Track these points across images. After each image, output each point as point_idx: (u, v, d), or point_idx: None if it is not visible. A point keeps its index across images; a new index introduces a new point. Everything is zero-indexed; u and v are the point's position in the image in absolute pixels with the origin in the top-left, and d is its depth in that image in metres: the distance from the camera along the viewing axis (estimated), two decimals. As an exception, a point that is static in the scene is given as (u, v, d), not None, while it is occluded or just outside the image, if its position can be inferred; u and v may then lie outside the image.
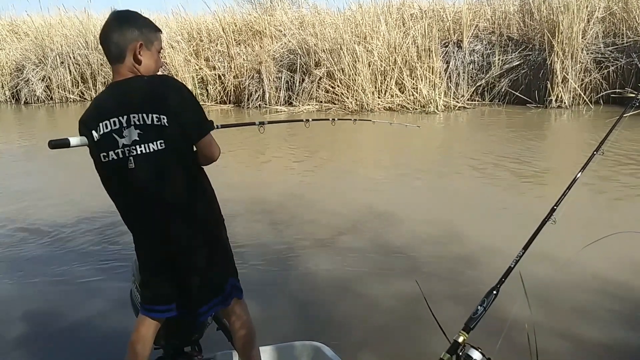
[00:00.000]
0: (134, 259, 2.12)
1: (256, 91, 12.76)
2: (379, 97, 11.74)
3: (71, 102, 15.38)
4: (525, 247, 1.89)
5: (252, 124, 2.88)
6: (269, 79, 12.56)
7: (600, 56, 10.79)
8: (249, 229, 4.75)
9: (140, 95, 1.84)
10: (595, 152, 2.18)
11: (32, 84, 15.43)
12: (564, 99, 10.76)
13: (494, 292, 1.77)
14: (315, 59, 12.16)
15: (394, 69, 11.70)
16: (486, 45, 12.01)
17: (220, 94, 13.51)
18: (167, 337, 2.17)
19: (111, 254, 4.40)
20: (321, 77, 12.01)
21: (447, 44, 12.19)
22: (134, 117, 1.82)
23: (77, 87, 15.50)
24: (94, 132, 1.85)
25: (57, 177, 7.21)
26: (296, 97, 12.29)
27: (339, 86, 11.79)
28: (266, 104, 12.52)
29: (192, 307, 2.02)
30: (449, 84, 11.77)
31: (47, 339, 3.17)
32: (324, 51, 11.95)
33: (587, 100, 10.74)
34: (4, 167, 8.13)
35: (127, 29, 1.86)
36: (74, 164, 5.98)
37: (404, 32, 12.06)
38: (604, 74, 10.70)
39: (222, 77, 13.43)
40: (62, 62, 15.37)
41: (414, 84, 11.67)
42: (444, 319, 1.81)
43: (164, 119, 1.81)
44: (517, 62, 11.51)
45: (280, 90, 12.58)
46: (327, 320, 3.19)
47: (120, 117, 1.83)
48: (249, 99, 12.81)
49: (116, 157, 1.84)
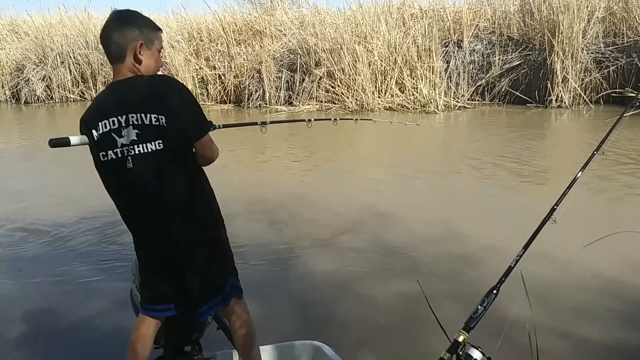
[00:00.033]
0: (134, 259, 2.12)
1: (256, 91, 12.76)
2: (379, 97, 11.74)
3: (71, 101, 15.37)
4: (525, 247, 1.89)
5: (254, 124, 2.86)
6: (269, 79, 12.56)
7: (600, 56, 10.79)
8: (249, 228, 4.75)
9: (139, 95, 1.84)
10: (595, 152, 2.17)
11: (33, 84, 15.43)
12: (564, 99, 10.76)
13: (494, 291, 1.77)
14: (315, 59, 12.15)
15: (394, 68, 11.70)
16: (486, 45, 12.01)
17: (220, 93, 13.51)
18: (167, 337, 2.18)
19: (111, 253, 4.41)
20: (321, 77, 12.00)
21: (447, 44, 12.19)
22: (133, 117, 1.82)
23: (78, 87, 15.50)
24: (93, 131, 1.86)
25: (57, 176, 7.21)
26: (296, 97, 12.29)
27: (339, 86, 11.79)
28: (266, 104, 12.52)
29: (192, 307, 2.02)
30: (449, 83, 11.77)
31: (47, 338, 3.17)
32: (324, 51, 11.95)
33: (587, 100, 10.74)
34: (4, 167, 8.13)
35: (127, 28, 1.86)
36: (74, 163, 5.99)
37: (404, 32, 12.06)
38: (604, 74, 10.70)
39: (223, 77, 13.43)
40: (62, 62, 15.37)
41: (414, 83, 11.67)
42: (444, 318, 1.81)
43: (162, 119, 1.81)
44: (518, 62, 11.51)
45: (280, 90, 12.57)
46: (327, 319, 3.19)
47: (119, 117, 1.83)
48: (249, 99, 12.81)
49: (115, 157, 1.84)
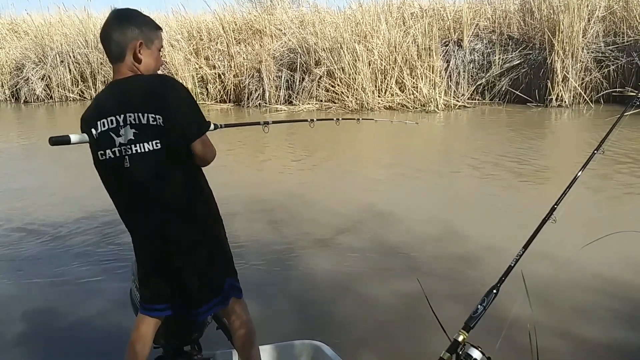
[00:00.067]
0: (134, 259, 2.11)
1: (256, 90, 12.76)
2: (379, 96, 11.74)
3: (71, 101, 15.37)
4: (525, 246, 1.89)
5: (257, 124, 2.84)
6: (269, 78, 12.55)
7: (600, 55, 10.78)
8: (249, 228, 4.75)
9: (138, 94, 1.84)
10: (595, 151, 2.17)
11: (32, 83, 15.43)
12: (565, 98, 10.76)
13: (494, 291, 1.77)
14: (315, 58, 12.15)
15: (394, 67, 11.69)
16: (486, 44, 12.00)
17: (220, 92, 13.50)
18: (167, 336, 2.17)
19: (111, 253, 4.40)
20: (321, 76, 11.99)
21: (447, 43, 12.18)
22: (130, 117, 1.82)
23: (77, 86, 15.49)
24: (93, 130, 1.86)
25: (57, 176, 7.21)
26: (296, 96, 12.29)
27: (339, 85, 11.78)
28: (266, 103, 12.52)
29: (192, 307, 2.02)
30: (449, 82, 11.76)
31: (47, 338, 3.17)
32: (324, 50, 11.94)
33: (587, 99, 10.73)
34: (4, 166, 8.13)
35: (127, 27, 1.86)
36: (74, 163, 5.99)
37: (404, 31, 12.05)
38: (604, 73, 10.69)
39: (222, 76, 13.42)
40: (61, 61, 15.37)
41: (414, 83, 11.66)
42: (444, 318, 1.81)
43: (159, 119, 1.80)
44: (518, 61, 11.51)
45: (280, 89, 12.57)
46: (327, 319, 3.19)
47: (117, 116, 1.83)
48: (249, 98, 12.81)
49: (113, 156, 1.84)
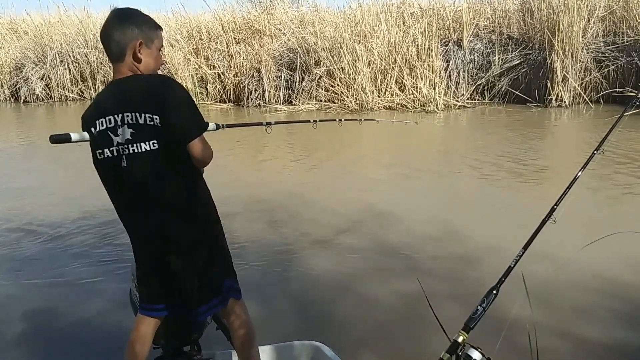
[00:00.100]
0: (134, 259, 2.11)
1: (256, 90, 12.76)
2: (379, 96, 11.73)
3: (70, 100, 15.37)
4: (525, 247, 1.88)
5: (260, 124, 2.83)
6: (269, 78, 12.55)
7: (600, 55, 10.78)
8: (249, 228, 4.75)
9: (136, 94, 1.84)
10: (595, 152, 2.17)
11: (32, 83, 15.42)
12: (564, 98, 10.76)
13: (494, 291, 1.76)
14: (315, 58, 12.14)
15: (394, 67, 11.69)
16: (486, 44, 12.00)
17: (219, 92, 13.50)
18: (166, 337, 2.17)
19: (111, 253, 4.40)
20: (321, 76, 11.99)
21: (447, 43, 12.18)
22: (128, 116, 1.82)
23: (77, 86, 15.49)
24: (92, 128, 1.87)
25: (57, 176, 7.21)
26: (296, 96, 12.28)
27: (338, 85, 11.78)
28: (266, 103, 12.52)
29: (192, 307, 2.01)
30: (449, 82, 11.75)
31: (47, 338, 3.17)
32: (324, 50, 11.94)
33: (587, 99, 10.74)
34: (4, 166, 8.13)
35: (127, 27, 1.86)
36: (73, 162, 5.99)
37: (404, 31, 12.05)
38: (604, 73, 10.69)
39: (222, 76, 13.42)
40: (61, 61, 15.36)
41: (414, 82, 11.65)
42: (443, 318, 1.81)
43: (156, 119, 1.80)
44: (517, 61, 11.51)
45: (280, 89, 12.57)
46: (327, 319, 3.19)
47: (115, 116, 1.84)
48: (248, 98, 12.80)
49: (110, 155, 1.85)
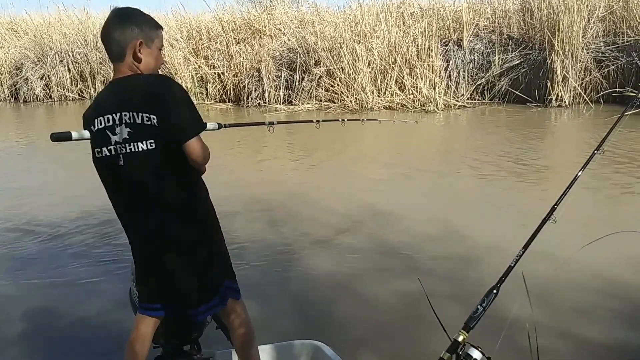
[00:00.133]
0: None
1: (256, 90, 12.75)
2: (379, 96, 11.73)
3: (70, 100, 15.36)
4: (525, 246, 1.88)
5: (262, 124, 2.82)
6: (269, 78, 12.55)
7: (600, 55, 10.78)
8: (249, 228, 4.75)
9: (135, 93, 1.85)
10: (595, 152, 2.16)
11: (31, 83, 15.41)
12: (564, 98, 10.75)
13: (494, 291, 1.76)
14: (315, 58, 12.14)
15: (393, 67, 11.69)
16: (486, 44, 11.99)
17: (219, 92, 13.49)
18: (166, 336, 2.17)
19: (111, 253, 4.40)
20: (321, 76, 11.99)
21: (447, 43, 12.17)
22: (126, 116, 1.83)
23: (76, 86, 15.48)
24: (92, 127, 1.89)
25: (57, 175, 7.20)
26: (296, 96, 12.28)
27: (338, 85, 11.77)
28: (266, 103, 12.51)
29: (191, 306, 2.01)
30: (449, 82, 11.75)
31: (47, 338, 3.17)
32: (324, 50, 11.93)
33: (587, 99, 10.73)
34: (3, 166, 8.12)
35: (127, 26, 1.86)
36: (73, 162, 6.00)
37: (404, 31, 12.05)
38: (604, 73, 10.69)
39: (222, 76, 13.41)
40: (61, 61, 15.35)
41: (414, 82, 11.65)
42: (443, 318, 1.81)
43: (154, 118, 1.80)
44: (518, 61, 11.50)
45: (279, 89, 12.56)
46: (327, 319, 3.19)
47: (114, 115, 1.84)
48: (248, 98, 12.80)
49: (108, 154, 1.86)
